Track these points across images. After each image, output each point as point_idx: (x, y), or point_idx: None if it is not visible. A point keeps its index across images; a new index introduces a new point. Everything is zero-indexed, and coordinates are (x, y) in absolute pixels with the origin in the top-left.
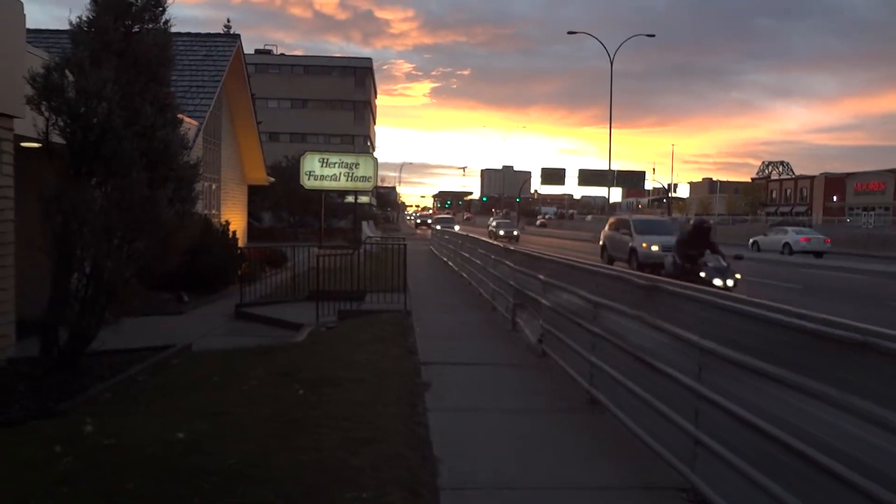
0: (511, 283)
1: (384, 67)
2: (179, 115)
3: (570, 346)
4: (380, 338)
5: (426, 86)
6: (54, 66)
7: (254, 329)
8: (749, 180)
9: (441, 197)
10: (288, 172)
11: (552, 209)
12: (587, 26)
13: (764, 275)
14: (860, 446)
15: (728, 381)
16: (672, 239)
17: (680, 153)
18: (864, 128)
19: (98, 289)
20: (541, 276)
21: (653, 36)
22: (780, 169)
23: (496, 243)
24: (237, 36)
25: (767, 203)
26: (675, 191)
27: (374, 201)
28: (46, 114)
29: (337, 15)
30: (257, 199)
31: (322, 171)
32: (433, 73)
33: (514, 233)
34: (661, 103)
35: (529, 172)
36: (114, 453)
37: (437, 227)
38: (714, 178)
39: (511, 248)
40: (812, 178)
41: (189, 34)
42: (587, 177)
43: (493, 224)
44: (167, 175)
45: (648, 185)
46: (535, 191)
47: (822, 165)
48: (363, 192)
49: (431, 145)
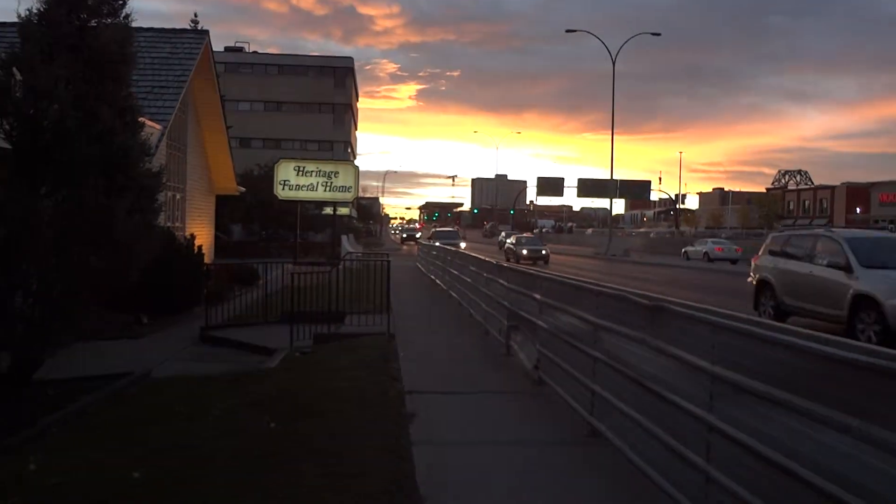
0: (505, 303)
1: (366, 67)
2: (141, 119)
3: (570, 372)
4: (360, 363)
5: (412, 88)
6: (0, 63)
7: (221, 354)
8: (764, 190)
9: (428, 208)
10: (260, 182)
11: (549, 222)
12: (587, 24)
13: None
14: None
15: (744, 411)
16: None
17: (688, 161)
18: (889, 133)
19: (46, 309)
20: (537, 296)
21: (658, 35)
22: (798, 178)
23: (488, 260)
24: (205, 32)
25: (784, 215)
26: (683, 202)
27: (354, 213)
28: None
29: (315, 10)
30: (226, 210)
31: (298, 181)
32: (420, 74)
33: (543, 252)
34: (667, 107)
35: (525, 182)
36: (60, 496)
37: (436, 242)
38: (725, 189)
39: (504, 265)
40: (832, 187)
41: (152, 29)
42: (587, 187)
43: (511, 241)
44: (126, 184)
45: (654, 196)
46: (531, 202)
47: (844, 174)
48: (343, 204)
49: (418, 153)
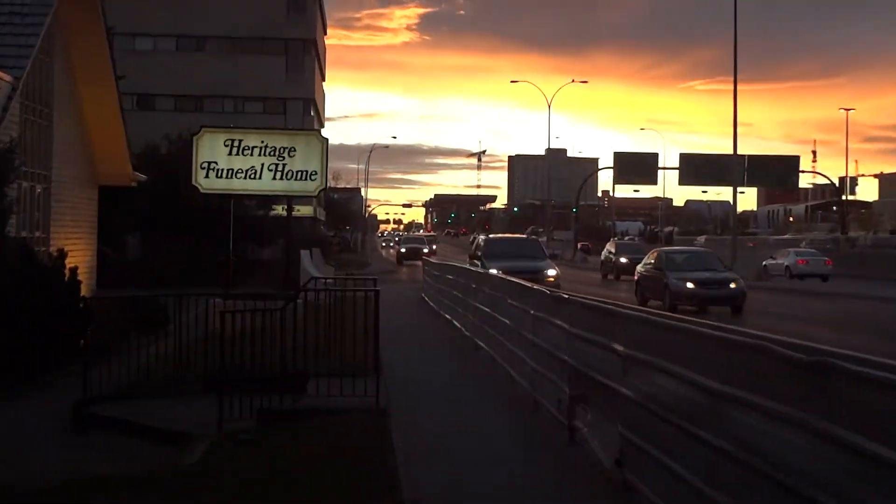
0: (565, 358)
1: None
2: None
3: (676, 471)
4: (333, 461)
5: (411, 12)
6: None
7: (107, 445)
8: None
9: (439, 204)
10: (171, 164)
11: (635, 224)
12: None
13: None
14: None
15: None
16: None
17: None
18: None
19: None
20: (619, 347)
21: None
22: None
23: (539, 288)
24: None
25: None
26: (851, 190)
27: (322, 214)
28: None
29: None
30: (117, 212)
31: (231, 163)
32: None
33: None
34: (825, 40)
35: (595, 162)
36: None
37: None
38: None
39: (565, 296)
40: None
41: None
42: (695, 168)
43: (612, 250)
44: None
45: (803, 182)
46: (605, 193)
47: None
48: (303, 199)
49: (423, 117)
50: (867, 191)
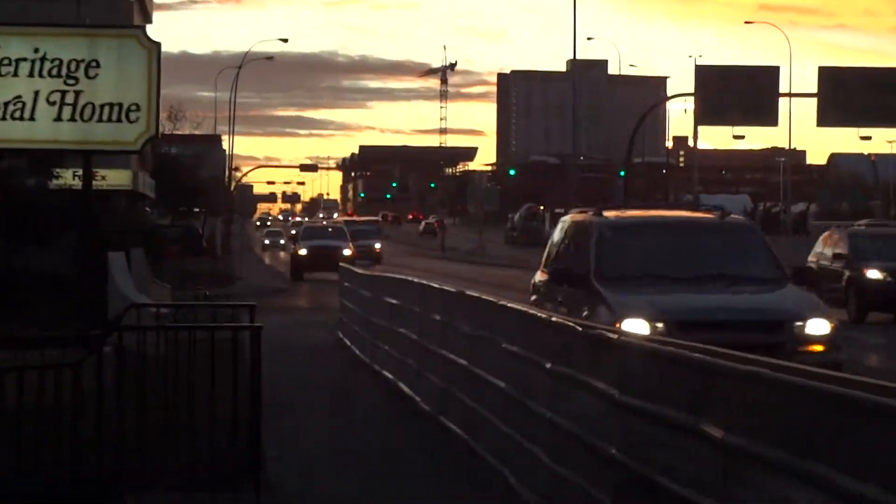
0: (612, 451)
1: None
2: None
3: None
4: None
5: None
6: None
7: None
8: None
9: (366, 164)
10: None
11: (737, 199)
12: None
13: None
14: None
15: None
16: None
17: None
18: None
19: None
20: (715, 433)
21: None
22: None
23: (565, 321)
24: None
25: None
26: None
27: (149, 186)
28: None
29: None
30: None
31: None
32: None
33: None
34: None
35: (663, 83)
36: None
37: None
38: None
39: (610, 335)
40: None
41: None
42: (845, 93)
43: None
44: None
45: None
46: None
47: None
48: (115, 155)
49: (335, 4)
50: None
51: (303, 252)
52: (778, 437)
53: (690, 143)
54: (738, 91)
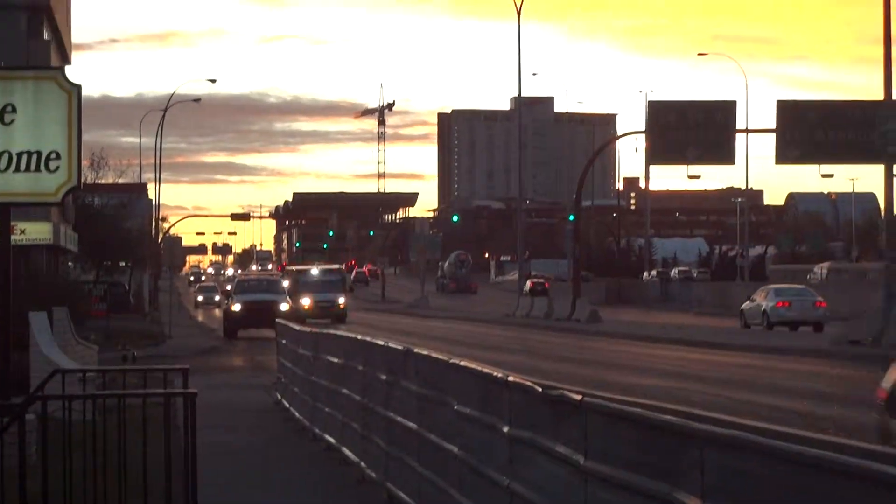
0: None
1: None
2: None
3: None
4: None
5: None
6: None
7: None
8: None
9: (300, 211)
10: None
11: (691, 244)
12: None
13: None
14: None
15: None
16: None
17: None
18: None
19: None
20: None
21: None
22: None
23: (527, 383)
24: None
25: None
26: None
27: (71, 238)
28: None
29: None
30: None
31: None
32: None
33: None
34: None
35: (611, 120)
36: None
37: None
38: None
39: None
40: None
41: None
42: (804, 129)
43: None
44: None
45: None
46: (630, 183)
47: None
48: (34, 206)
49: (269, 41)
50: None
51: (236, 307)
52: None
53: (642, 184)
54: (693, 127)
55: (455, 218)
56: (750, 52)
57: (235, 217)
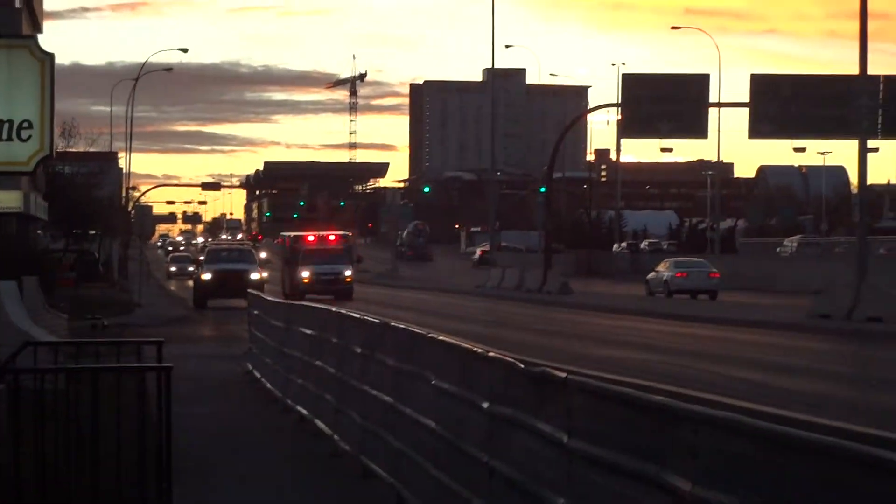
0: None
1: None
2: None
3: None
4: None
5: None
6: None
7: None
8: None
9: (271, 181)
10: None
11: (662, 216)
12: None
13: None
14: None
15: None
16: None
17: None
18: None
19: None
20: None
21: None
22: None
23: (508, 359)
24: None
25: None
26: None
27: (41, 207)
28: None
29: None
30: None
31: None
32: None
33: None
34: None
35: (584, 93)
36: None
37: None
38: None
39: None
40: None
41: None
42: (778, 102)
43: None
44: None
45: None
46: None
47: None
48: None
49: (237, 12)
50: None
51: (206, 276)
52: (755, 492)
53: (613, 156)
54: (666, 101)
55: (426, 189)
56: (722, 26)
57: (206, 187)
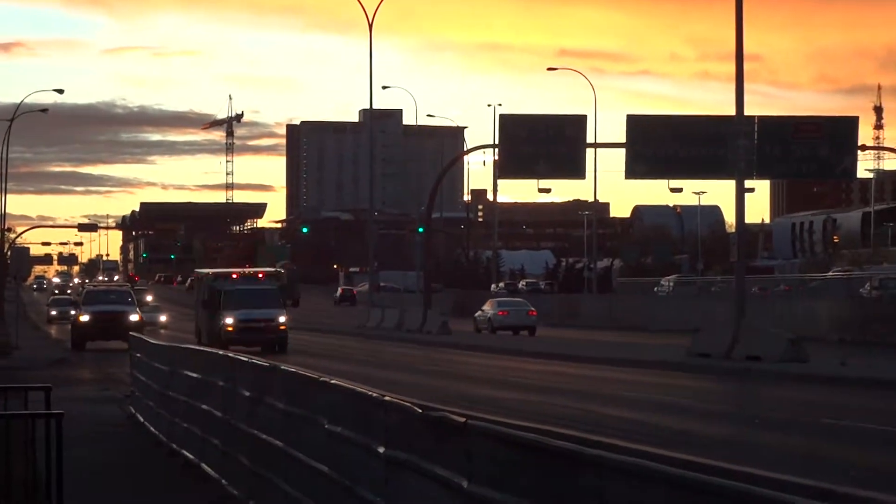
0: None
1: None
2: None
3: None
4: None
5: None
6: None
7: None
8: None
9: (148, 222)
10: None
11: (539, 255)
12: None
13: None
14: None
15: None
16: None
17: None
18: None
19: None
20: None
21: None
22: None
23: (405, 403)
24: None
25: None
26: None
27: None
28: None
29: None
30: None
31: None
32: None
33: None
34: None
35: (461, 133)
36: None
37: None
38: None
39: None
40: None
41: None
42: (654, 143)
43: None
44: None
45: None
46: (477, 195)
47: None
48: None
49: (116, 52)
50: None
51: (84, 318)
52: None
53: (490, 196)
54: (544, 141)
55: (304, 229)
56: (598, 67)
57: (83, 228)
